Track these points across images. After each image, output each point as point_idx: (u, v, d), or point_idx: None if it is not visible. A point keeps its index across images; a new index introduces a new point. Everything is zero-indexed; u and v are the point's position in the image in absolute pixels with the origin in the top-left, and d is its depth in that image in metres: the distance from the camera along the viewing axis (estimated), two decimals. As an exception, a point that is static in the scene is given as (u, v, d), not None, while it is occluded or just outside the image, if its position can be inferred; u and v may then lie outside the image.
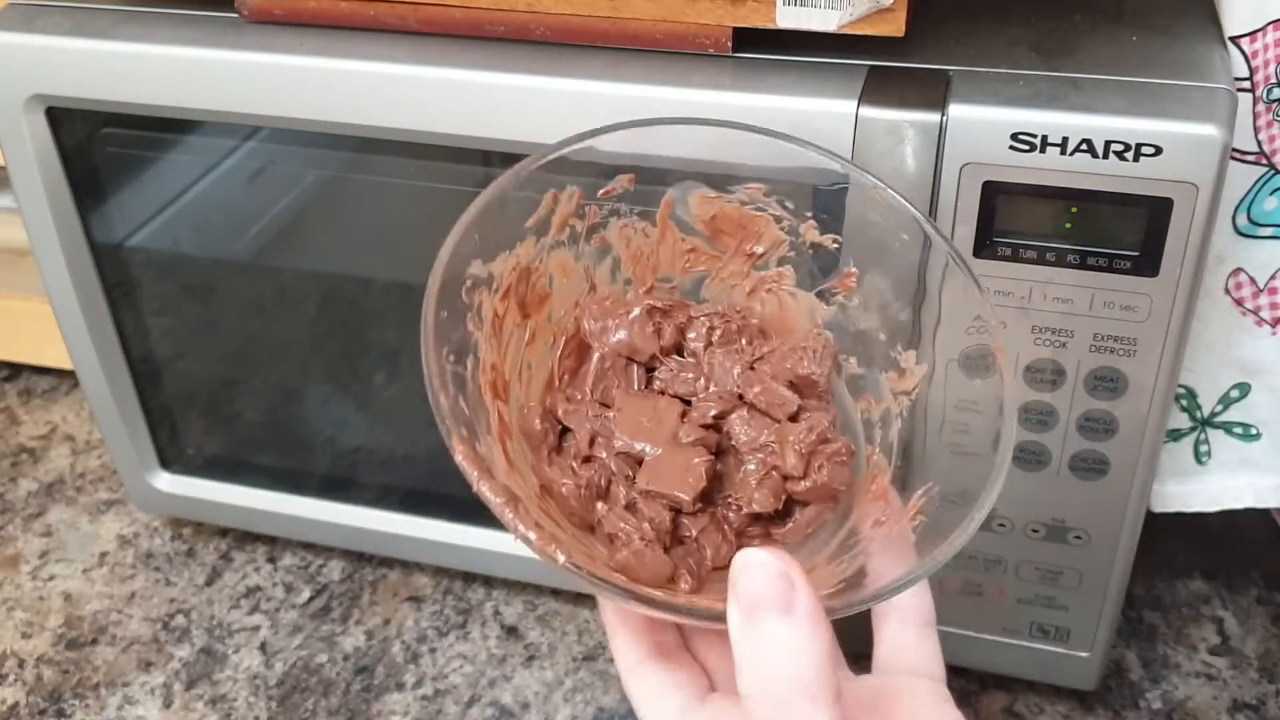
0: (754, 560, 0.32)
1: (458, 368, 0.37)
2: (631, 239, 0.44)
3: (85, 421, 0.85)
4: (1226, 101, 0.44)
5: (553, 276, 0.42)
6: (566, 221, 0.42)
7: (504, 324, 0.41)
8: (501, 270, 0.40)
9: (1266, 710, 0.62)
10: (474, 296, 0.39)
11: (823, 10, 0.46)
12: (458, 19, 0.52)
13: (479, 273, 0.39)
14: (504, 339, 0.40)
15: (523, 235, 0.41)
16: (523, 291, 0.41)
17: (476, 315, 0.39)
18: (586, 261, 0.43)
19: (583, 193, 0.42)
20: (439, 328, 0.36)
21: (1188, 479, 0.58)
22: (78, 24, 0.56)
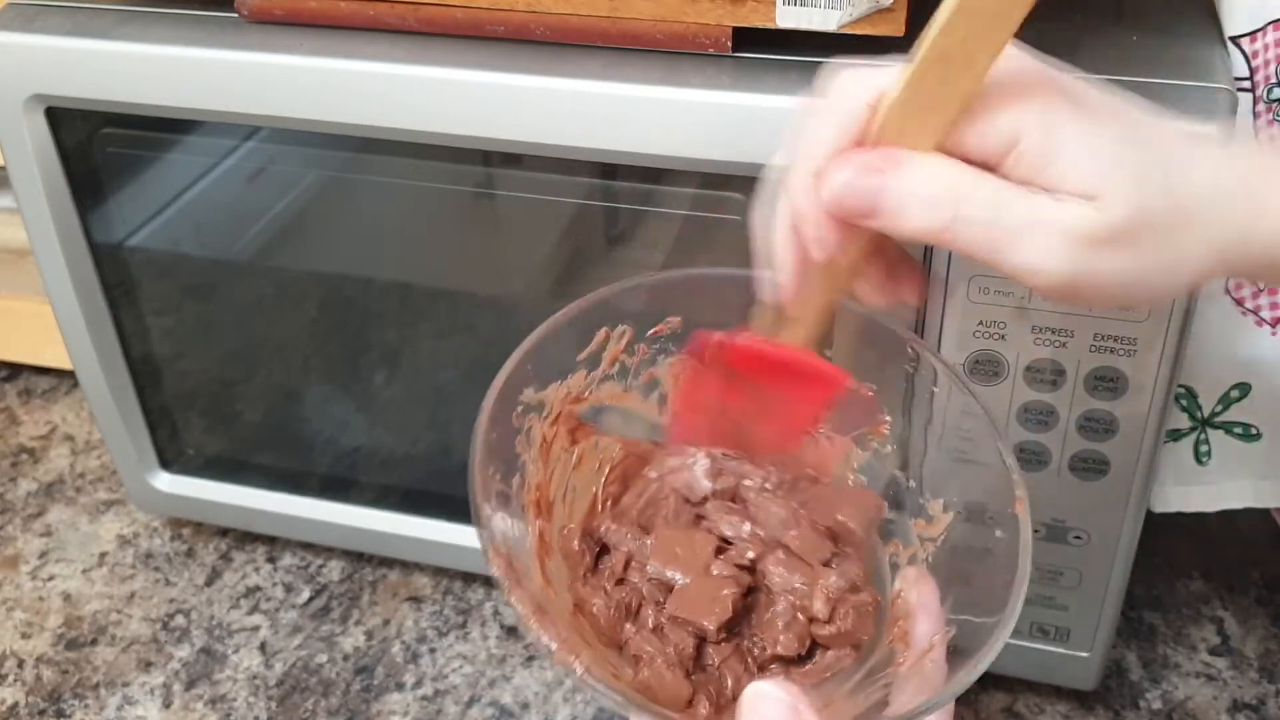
0: (765, 693, 0.33)
1: (503, 485, 0.40)
2: (679, 376, 0.46)
3: (85, 421, 0.84)
4: (1227, 101, 0.44)
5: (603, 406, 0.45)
6: (617, 358, 0.45)
7: (552, 448, 0.43)
8: (552, 398, 0.43)
9: (1266, 710, 0.62)
10: (524, 420, 0.42)
11: (823, 10, 0.46)
12: (458, 19, 0.52)
13: (530, 399, 0.42)
14: (551, 462, 0.43)
15: (574, 367, 0.44)
16: (572, 419, 0.44)
17: (526, 438, 0.42)
18: (636, 393, 0.46)
19: (634, 331, 0.44)
20: (488, 446, 0.39)
21: (1188, 479, 0.58)
22: (78, 24, 0.56)
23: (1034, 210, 0.33)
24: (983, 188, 0.34)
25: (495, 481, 0.39)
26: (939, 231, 0.34)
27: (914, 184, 0.35)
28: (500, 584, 0.36)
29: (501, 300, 0.61)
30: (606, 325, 0.44)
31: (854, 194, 0.35)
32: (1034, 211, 0.33)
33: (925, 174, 0.35)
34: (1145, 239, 0.33)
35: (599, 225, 0.55)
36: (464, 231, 0.59)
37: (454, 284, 0.61)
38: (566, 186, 0.54)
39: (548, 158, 0.51)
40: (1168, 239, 0.34)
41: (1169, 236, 0.34)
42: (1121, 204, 0.33)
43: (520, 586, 0.37)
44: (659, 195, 0.52)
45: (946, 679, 0.36)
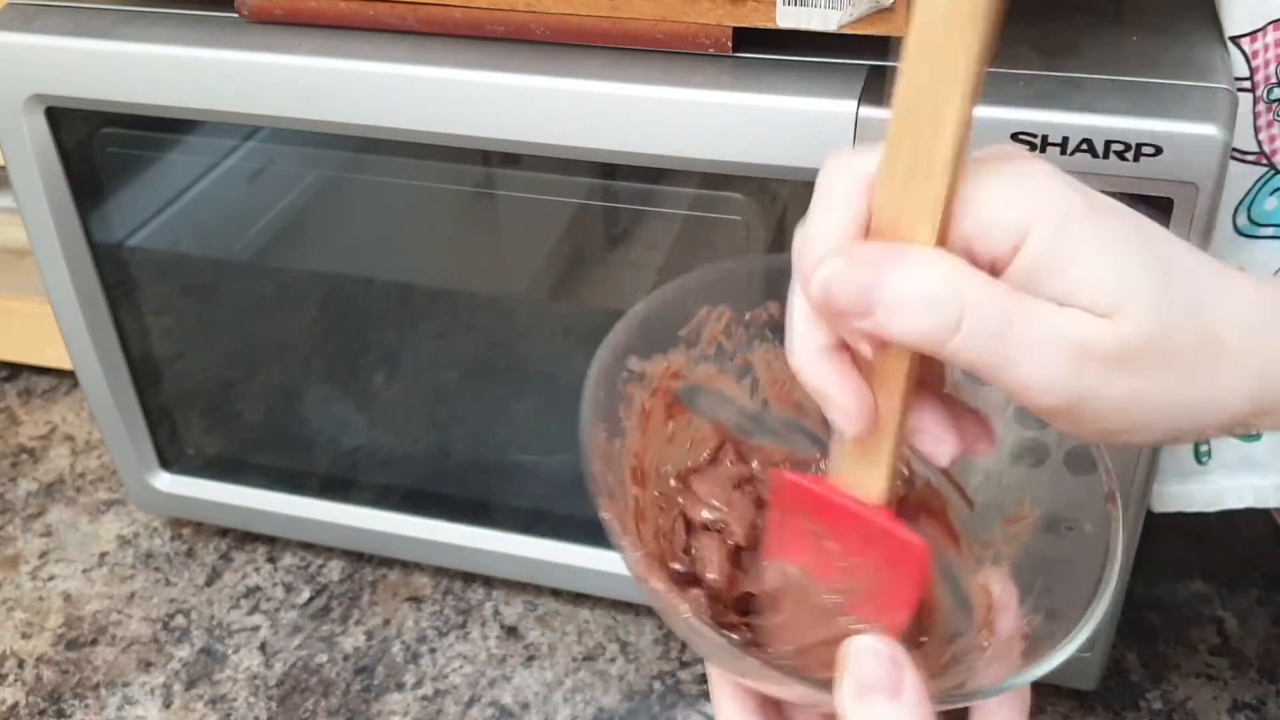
0: (866, 645, 0.34)
1: (608, 446, 0.40)
2: (772, 364, 0.45)
3: (85, 421, 0.84)
4: (1227, 101, 0.44)
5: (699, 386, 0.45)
6: (715, 338, 0.44)
7: (650, 420, 0.43)
8: (655, 371, 0.43)
9: (1266, 710, 0.62)
10: (628, 389, 0.42)
11: (823, 10, 0.46)
12: (458, 19, 0.52)
13: (634, 368, 0.42)
14: (649, 433, 0.43)
15: (676, 343, 0.44)
16: (670, 395, 0.44)
17: (628, 406, 0.42)
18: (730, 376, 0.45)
19: (732, 314, 0.44)
20: (595, 405, 0.39)
21: (1188, 479, 0.58)
22: (78, 24, 0.56)
23: (1046, 322, 0.30)
24: (993, 294, 0.30)
25: (602, 440, 0.40)
26: (941, 340, 0.31)
27: (915, 282, 0.31)
28: (610, 531, 0.37)
29: (501, 300, 0.61)
30: (708, 305, 0.44)
31: (845, 286, 0.32)
32: (1046, 324, 0.30)
33: (929, 272, 0.31)
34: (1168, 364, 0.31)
35: (599, 225, 0.55)
36: (464, 231, 0.59)
37: (454, 284, 0.61)
38: (566, 186, 0.54)
39: (548, 158, 0.51)
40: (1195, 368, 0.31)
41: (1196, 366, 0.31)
42: (1143, 320, 0.30)
43: (631, 533, 0.38)
44: (659, 195, 0.52)
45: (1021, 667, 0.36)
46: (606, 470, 0.40)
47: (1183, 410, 0.31)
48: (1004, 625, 0.39)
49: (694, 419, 0.45)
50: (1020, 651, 0.37)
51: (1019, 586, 0.40)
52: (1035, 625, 0.38)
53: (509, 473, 0.65)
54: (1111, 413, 0.31)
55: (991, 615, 0.40)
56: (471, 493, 0.66)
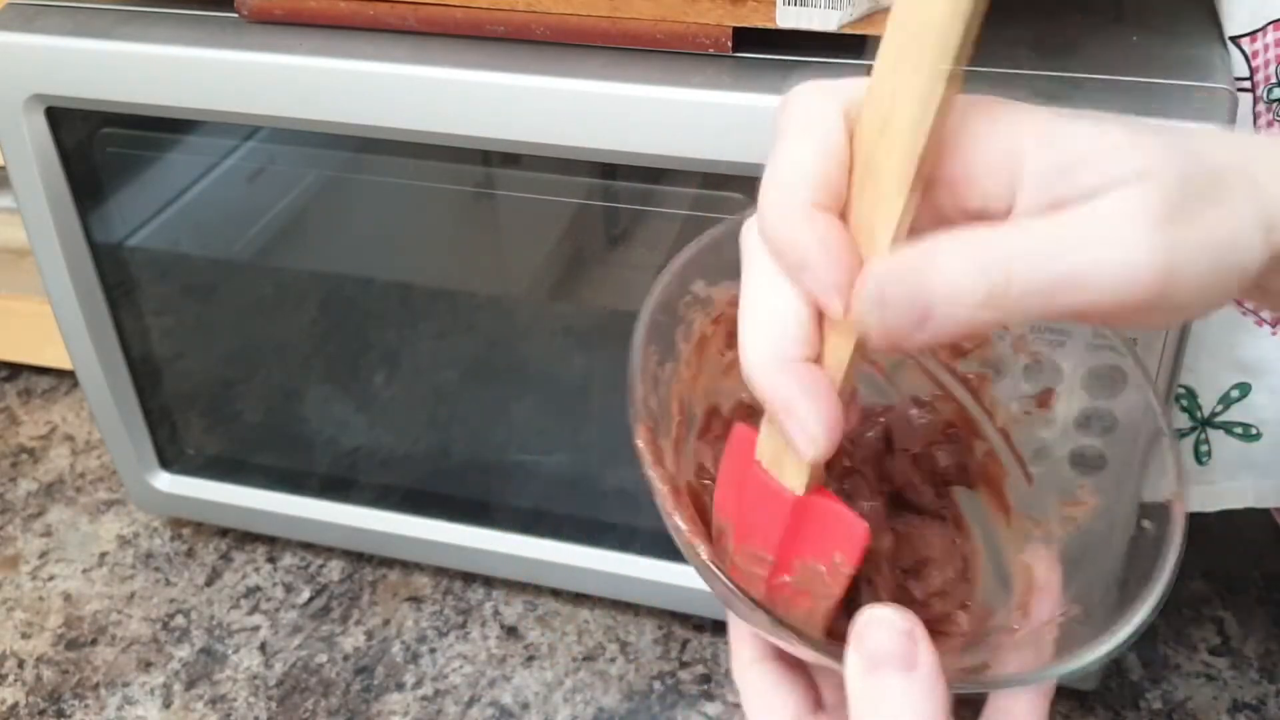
0: (881, 616, 0.33)
1: (658, 369, 0.39)
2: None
3: (85, 421, 0.84)
4: (1227, 101, 0.44)
5: None
6: None
7: (708, 348, 0.42)
8: (721, 297, 0.41)
9: (1266, 710, 0.62)
10: (689, 312, 0.41)
11: (823, 10, 0.46)
12: (458, 19, 0.52)
13: (700, 292, 0.41)
14: (704, 361, 0.42)
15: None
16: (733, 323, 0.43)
17: (687, 329, 0.41)
18: None
19: None
20: (653, 326, 0.38)
21: (1188, 479, 0.58)
22: (78, 24, 0.56)
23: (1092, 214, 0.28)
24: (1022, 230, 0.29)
25: (653, 363, 0.38)
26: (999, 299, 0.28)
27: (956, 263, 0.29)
28: (640, 456, 0.36)
29: (501, 300, 0.61)
30: None
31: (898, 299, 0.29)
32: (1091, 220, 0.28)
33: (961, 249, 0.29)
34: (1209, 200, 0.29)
35: (599, 225, 0.55)
36: (464, 231, 0.59)
37: (454, 284, 0.61)
38: (566, 186, 0.54)
39: (548, 158, 0.51)
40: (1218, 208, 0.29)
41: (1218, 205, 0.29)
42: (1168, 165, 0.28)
43: (661, 465, 0.36)
44: (659, 195, 0.52)
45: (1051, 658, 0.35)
46: (651, 394, 0.38)
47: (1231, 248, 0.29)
48: (1041, 610, 0.38)
49: None
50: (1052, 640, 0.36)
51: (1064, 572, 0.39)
52: (1072, 616, 0.37)
53: (509, 473, 0.65)
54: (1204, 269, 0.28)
55: (1029, 597, 0.39)
56: (471, 493, 0.66)
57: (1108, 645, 0.34)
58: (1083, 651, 0.34)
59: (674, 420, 0.40)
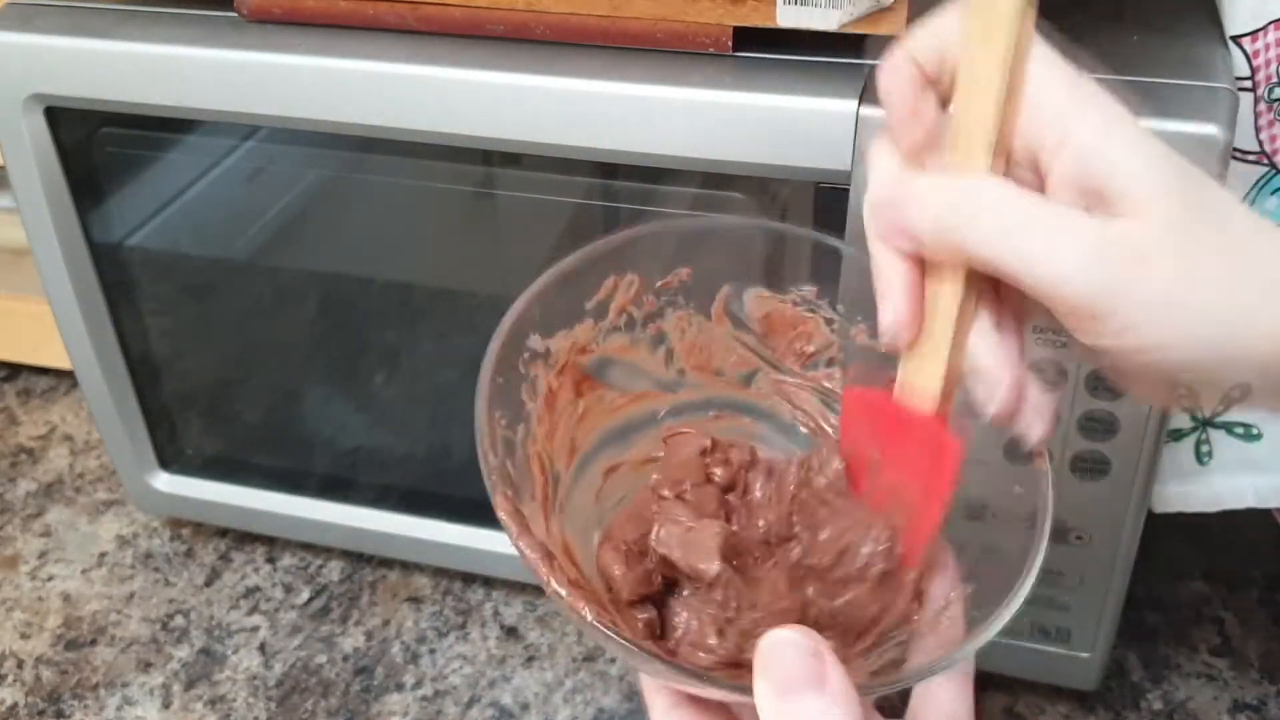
0: (785, 639, 0.33)
1: (508, 432, 0.39)
2: (686, 330, 0.45)
3: (84, 421, 0.84)
4: (1227, 101, 0.44)
5: (610, 359, 0.44)
6: (625, 308, 0.43)
7: (557, 399, 0.42)
8: (559, 347, 0.42)
9: (1267, 711, 0.62)
10: (530, 368, 0.41)
11: (823, 10, 0.46)
12: (458, 18, 0.52)
13: (537, 346, 0.41)
14: (556, 413, 0.42)
15: (581, 316, 0.43)
16: (578, 371, 0.43)
17: (531, 387, 0.41)
18: (643, 347, 0.44)
19: (643, 281, 0.43)
20: (494, 391, 0.38)
21: (1189, 479, 0.58)
22: (77, 24, 0.56)
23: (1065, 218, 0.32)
24: (1010, 191, 0.32)
25: (501, 427, 0.38)
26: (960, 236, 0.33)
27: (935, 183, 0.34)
28: (507, 529, 0.36)
29: (501, 300, 0.60)
30: (614, 274, 0.43)
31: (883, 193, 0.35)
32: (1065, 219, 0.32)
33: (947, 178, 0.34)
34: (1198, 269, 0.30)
35: (599, 225, 0.55)
36: (464, 231, 0.59)
37: (454, 284, 0.61)
38: (566, 186, 0.54)
39: (548, 158, 0.51)
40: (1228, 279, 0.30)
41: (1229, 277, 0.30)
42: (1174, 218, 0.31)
43: (529, 533, 0.36)
44: (659, 195, 0.52)
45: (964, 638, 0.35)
46: (507, 460, 0.38)
47: (1216, 324, 0.31)
48: (937, 593, 0.38)
49: (606, 394, 0.44)
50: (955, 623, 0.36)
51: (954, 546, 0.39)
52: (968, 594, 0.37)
53: (509, 473, 0.65)
54: (1143, 316, 0.30)
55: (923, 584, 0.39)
56: (471, 493, 0.66)
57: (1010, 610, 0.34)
58: (981, 630, 0.34)
59: (536, 482, 0.40)
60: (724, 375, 0.45)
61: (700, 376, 0.45)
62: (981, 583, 0.37)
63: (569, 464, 0.42)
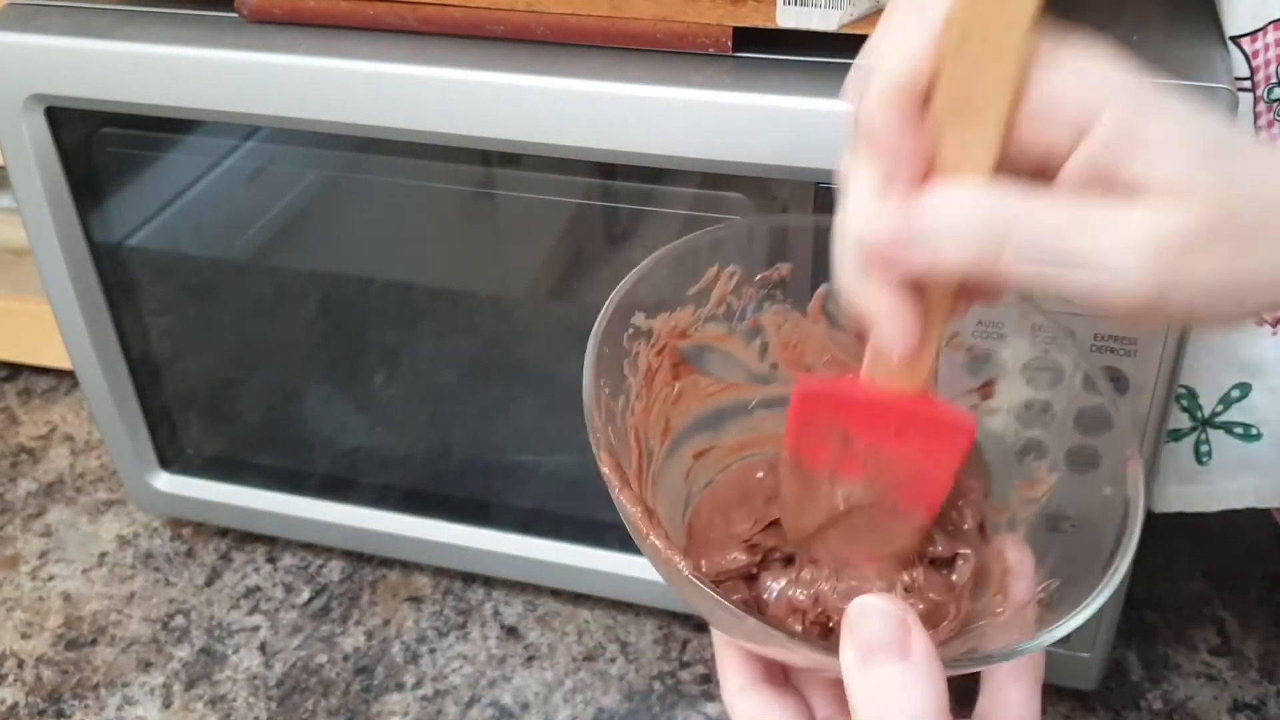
0: (873, 606, 0.33)
1: (610, 401, 0.40)
2: (783, 325, 0.45)
3: (85, 421, 0.84)
4: (1227, 101, 0.44)
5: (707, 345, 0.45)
6: (724, 298, 0.44)
7: (655, 378, 0.43)
8: (661, 328, 0.43)
9: (1267, 710, 0.62)
10: (633, 345, 0.42)
11: (823, 10, 0.46)
12: (458, 19, 0.52)
13: (640, 324, 0.42)
14: (653, 392, 0.43)
15: (684, 301, 0.43)
16: (676, 353, 0.44)
17: (633, 363, 0.42)
18: (739, 338, 0.45)
19: (744, 273, 0.44)
20: (600, 359, 0.39)
21: (1188, 479, 0.58)
22: (78, 24, 0.56)
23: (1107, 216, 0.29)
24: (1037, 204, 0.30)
25: (604, 395, 0.39)
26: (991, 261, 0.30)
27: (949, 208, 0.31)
28: (609, 482, 0.37)
29: (501, 300, 0.61)
30: (718, 263, 0.43)
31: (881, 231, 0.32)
32: (1107, 217, 0.29)
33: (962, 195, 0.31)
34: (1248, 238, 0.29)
35: (599, 225, 0.55)
36: (464, 231, 0.59)
37: (454, 284, 0.61)
38: (566, 186, 0.54)
39: (548, 158, 0.51)
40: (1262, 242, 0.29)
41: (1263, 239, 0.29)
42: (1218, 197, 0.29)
43: (629, 487, 0.37)
44: (659, 195, 0.52)
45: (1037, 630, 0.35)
46: (608, 425, 0.39)
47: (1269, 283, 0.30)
48: (1019, 592, 0.39)
49: (700, 379, 0.45)
50: (1035, 619, 0.37)
51: (1035, 552, 0.39)
52: (1051, 592, 0.37)
53: (509, 473, 0.65)
54: (1200, 298, 0.29)
55: (1006, 581, 0.39)
56: (471, 493, 0.66)
57: (1086, 611, 0.34)
58: (1064, 619, 0.34)
59: (633, 453, 0.41)
60: (815, 373, 0.46)
61: (793, 372, 0.46)
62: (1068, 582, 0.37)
63: (663, 442, 0.43)
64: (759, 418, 0.46)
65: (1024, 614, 0.38)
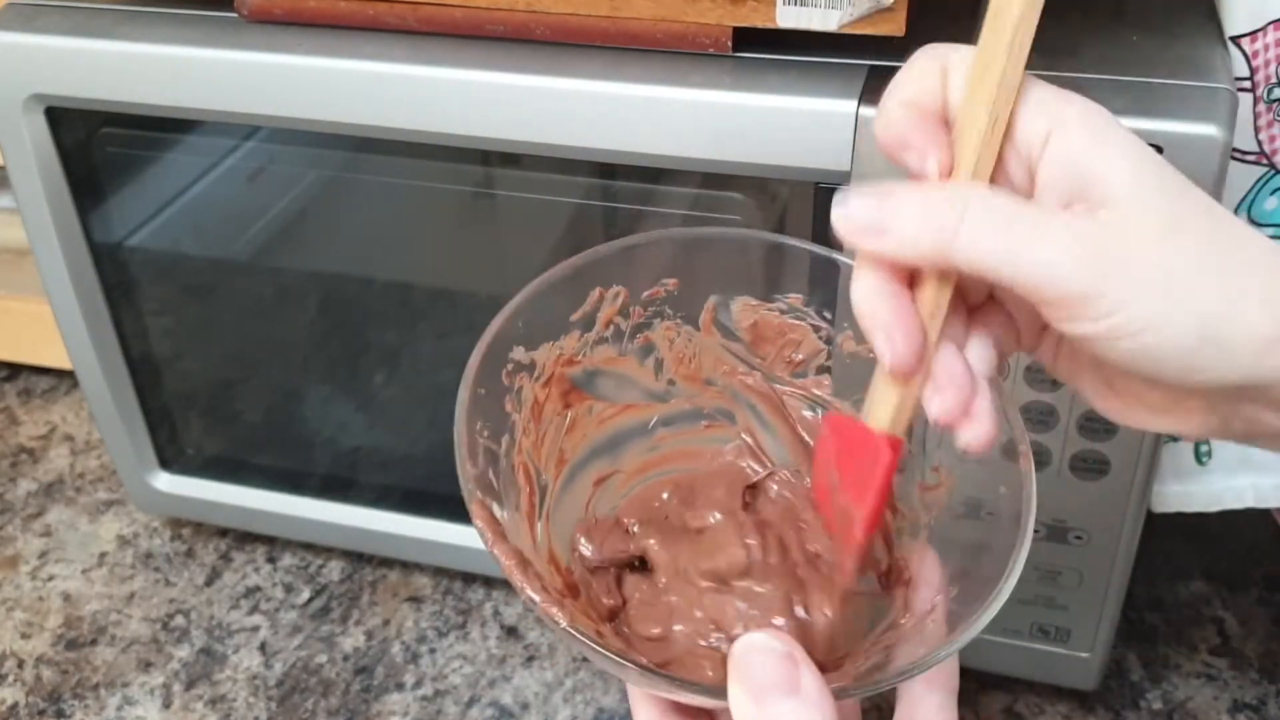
0: (758, 644, 0.33)
1: (491, 443, 0.39)
2: (675, 340, 0.45)
3: (85, 421, 0.84)
4: (1227, 101, 0.44)
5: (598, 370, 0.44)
6: (611, 320, 0.43)
7: (544, 410, 0.42)
8: (545, 359, 0.42)
9: (1266, 710, 0.62)
10: (515, 380, 0.41)
11: (823, 10, 0.46)
12: (458, 19, 0.52)
13: (521, 358, 0.41)
14: (543, 425, 0.42)
15: (568, 328, 0.42)
16: (565, 382, 0.43)
17: (516, 398, 0.41)
18: (632, 358, 0.44)
19: (629, 292, 0.43)
20: (474, 402, 0.38)
21: (1188, 479, 0.58)
22: (77, 24, 0.56)
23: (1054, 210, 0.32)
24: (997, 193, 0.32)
25: (483, 438, 0.38)
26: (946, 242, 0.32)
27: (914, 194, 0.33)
28: (482, 536, 0.36)
29: (501, 300, 0.60)
30: (600, 285, 0.42)
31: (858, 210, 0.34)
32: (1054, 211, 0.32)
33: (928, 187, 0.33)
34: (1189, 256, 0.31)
35: (599, 225, 0.55)
36: (464, 231, 0.59)
37: (454, 284, 0.61)
38: (566, 186, 0.54)
39: (548, 158, 0.51)
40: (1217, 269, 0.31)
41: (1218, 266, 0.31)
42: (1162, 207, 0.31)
43: (504, 540, 0.36)
44: (659, 195, 0.52)
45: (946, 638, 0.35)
46: (489, 469, 0.38)
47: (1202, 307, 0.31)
48: (923, 600, 0.38)
49: (595, 405, 0.44)
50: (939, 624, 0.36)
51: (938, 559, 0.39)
52: (952, 597, 0.37)
53: (509, 473, 0.65)
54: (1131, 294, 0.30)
55: (910, 591, 0.39)
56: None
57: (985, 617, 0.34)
58: (964, 628, 0.34)
59: (522, 491, 0.40)
60: (715, 384, 0.46)
61: (691, 386, 0.45)
62: (969, 584, 0.37)
63: (558, 474, 0.42)
64: (660, 436, 0.45)
65: (929, 622, 0.37)
